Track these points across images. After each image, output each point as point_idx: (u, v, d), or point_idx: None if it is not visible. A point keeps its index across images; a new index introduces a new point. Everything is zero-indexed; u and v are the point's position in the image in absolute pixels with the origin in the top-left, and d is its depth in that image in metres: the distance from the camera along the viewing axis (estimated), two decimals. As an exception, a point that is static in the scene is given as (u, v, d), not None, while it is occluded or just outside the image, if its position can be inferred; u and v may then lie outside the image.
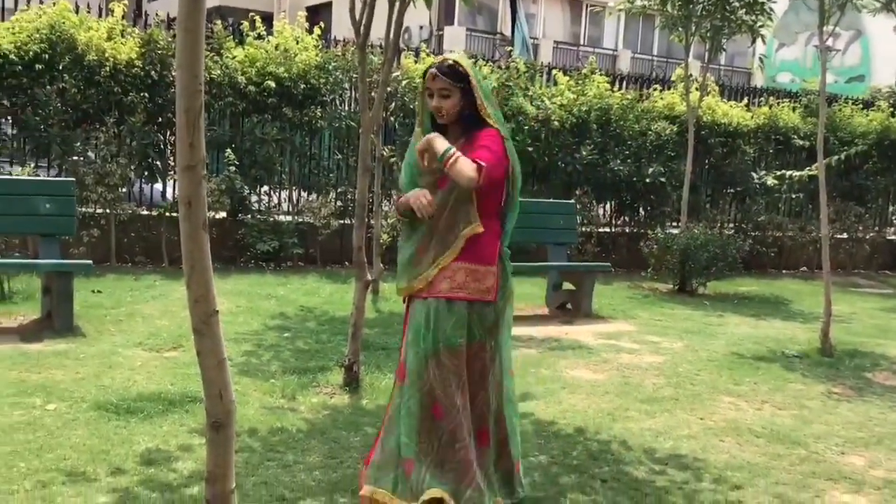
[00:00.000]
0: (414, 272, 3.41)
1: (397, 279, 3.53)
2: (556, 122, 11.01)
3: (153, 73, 9.12)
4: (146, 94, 9.10)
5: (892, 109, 14.05)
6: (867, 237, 13.22)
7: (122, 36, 9.29)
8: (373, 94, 6.88)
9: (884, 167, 13.52)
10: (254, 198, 9.87)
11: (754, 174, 12.22)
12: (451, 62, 3.29)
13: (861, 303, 10.00)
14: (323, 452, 4.01)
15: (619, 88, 12.44)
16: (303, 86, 9.86)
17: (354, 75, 9.89)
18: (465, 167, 3.12)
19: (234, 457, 2.21)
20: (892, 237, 14.28)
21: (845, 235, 12.93)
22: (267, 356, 5.75)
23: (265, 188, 10.16)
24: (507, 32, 26.49)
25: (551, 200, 10.15)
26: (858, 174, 13.27)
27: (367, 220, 9.01)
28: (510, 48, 14.36)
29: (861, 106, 14.10)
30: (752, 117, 12.65)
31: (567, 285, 8.36)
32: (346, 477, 3.72)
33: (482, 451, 3.36)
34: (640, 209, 11.94)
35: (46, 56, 8.74)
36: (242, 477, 3.59)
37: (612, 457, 4.20)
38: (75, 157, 8.90)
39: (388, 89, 9.95)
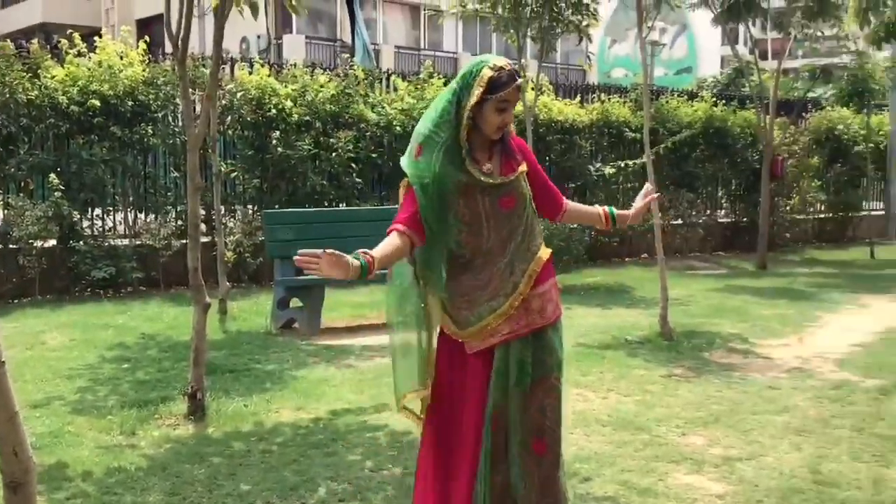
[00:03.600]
0: (483, 310, 2.90)
1: (456, 324, 2.96)
2: (397, 128, 11.02)
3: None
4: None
5: (714, 99, 14.87)
6: (700, 221, 13.94)
7: None
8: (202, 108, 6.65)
9: (710, 154, 14.29)
10: (85, 223, 9.37)
11: (591, 167, 12.64)
12: (515, 66, 2.90)
13: (696, 285, 10.52)
14: (164, 490, 3.82)
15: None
16: (130, 103, 9.44)
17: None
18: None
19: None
20: (723, 220, 15.12)
21: (679, 221, 13.58)
22: (104, 391, 5.44)
23: (97, 211, 9.65)
24: (348, 39, 26.42)
25: (397, 206, 10.11)
26: (687, 162, 13.95)
27: (210, 236, 8.77)
28: (350, 55, 14.28)
29: (686, 97, 14.86)
30: (586, 113, 13.10)
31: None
32: (188, 514, 3.55)
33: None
34: (487, 209, 12.09)
35: None
36: (72, 527, 3.36)
37: (464, 461, 4.19)
38: None
39: (223, 102, 9.71)
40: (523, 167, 2.95)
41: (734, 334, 7.44)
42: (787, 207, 15.12)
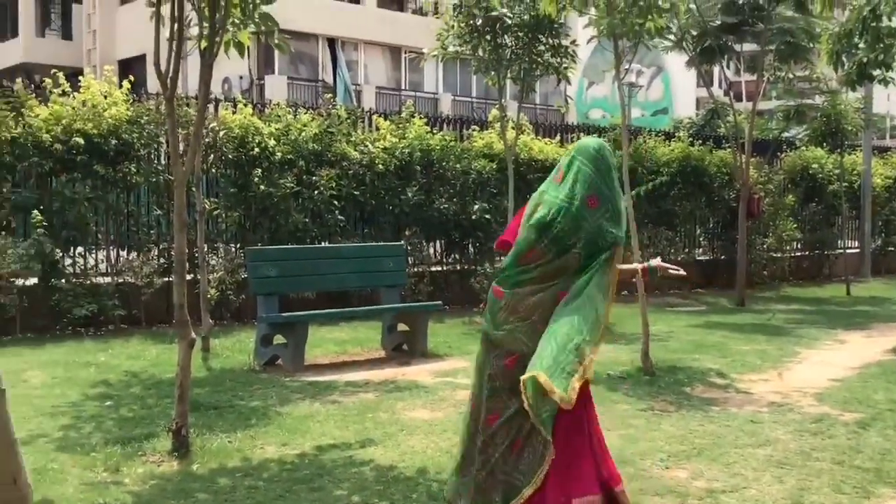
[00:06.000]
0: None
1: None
2: (380, 166, 11.12)
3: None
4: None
5: (691, 139, 15.12)
6: (679, 259, 14.09)
7: None
8: (187, 146, 6.70)
9: (688, 192, 14.48)
10: (67, 260, 9.34)
11: (572, 206, 12.75)
12: None
13: (677, 321, 10.62)
14: (150, 526, 3.80)
15: (440, 130, 12.73)
16: (114, 141, 9.47)
17: (167, 128, 9.61)
18: None
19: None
20: (701, 257, 15.29)
21: (658, 259, 13.67)
22: (87, 428, 5.41)
23: (80, 249, 9.63)
24: (329, 80, 26.67)
25: (380, 244, 10.22)
26: (666, 201, 14.13)
27: (193, 274, 8.77)
28: (331, 95, 14.42)
29: (663, 137, 15.10)
30: (565, 152, 13.23)
31: (402, 326, 8.39)
32: (175, 549, 3.54)
33: None
34: (469, 246, 12.20)
35: None
36: (59, 563, 3.34)
37: (451, 495, 4.20)
38: None
39: (206, 140, 9.77)
40: None
41: (714, 369, 7.52)
42: (765, 245, 15.32)
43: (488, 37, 9.92)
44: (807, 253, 16.78)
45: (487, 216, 11.76)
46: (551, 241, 3.49)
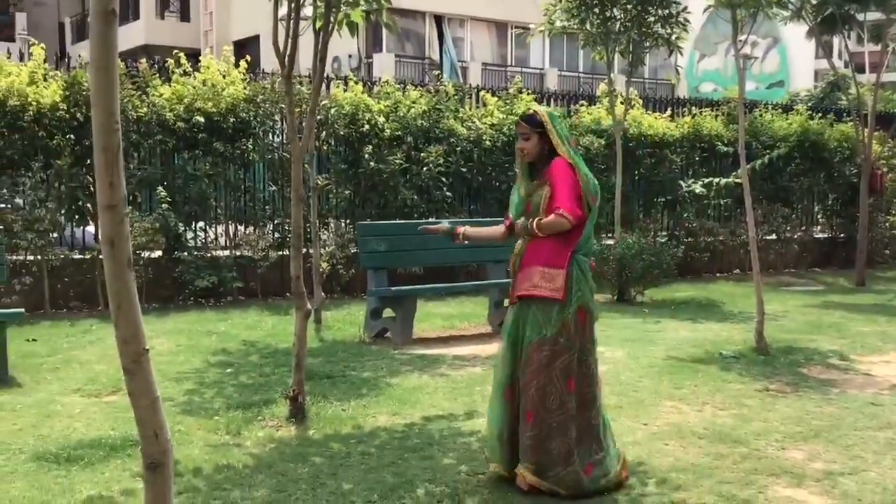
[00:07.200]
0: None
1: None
2: (487, 142, 11.15)
3: (79, 115, 8.98)
4: (72, 137, 8.96)
5: (809, 112, 14.53)
6: (795, 237, 13.62)
7: (45, 79, 9.14)
8: (302, 123, 6.89)
9: (806, 168, 13.96)
10: (189, 234, 9.76)
11: (682, 183, 12.50)
12: (531, 112, 4.09)
13: (793, 301, 10.29)
14: (270, 486, 3.98)
15: (548, 105, 12.64)
16: (232, 119, 9.82)
17: (283, 106, 9.89)
18: (555, 225, 3.89)
19: (173, 497, 2.19)
20: (819, 235, 14.73)
21: (774, 237, 13.30)
22: (210, 393, 5.68)
23: (200, 224, 10.05)
24: (436, 57, 26.76)
25: (488, 219, 10.23)
26: (782, 176, 13.66)
27: (305, 248, 9.04)
28: (438, 72, 14.50)
29: (780, 110, 14.56)
30: (676, 127, 12.97)
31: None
32: (294, 509, 3.70)
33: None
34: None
35: (-35, 105, 8.56)
36: (189, 517, 3.54)
37: (560, 468, 4.23)
38: (2, 205, 8.71)
39: (319, 118, 10.00)
40: (543, 181, 4.01)
41: (832, 350, 7.27)
42: (887, 223, 14.62)
43: (596, 10, 9.77)
44: (933, 231, 15.92)
45: (595, 192, 11.62)
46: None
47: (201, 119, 9.58)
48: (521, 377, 3.94)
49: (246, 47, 24.29)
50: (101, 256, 8.76)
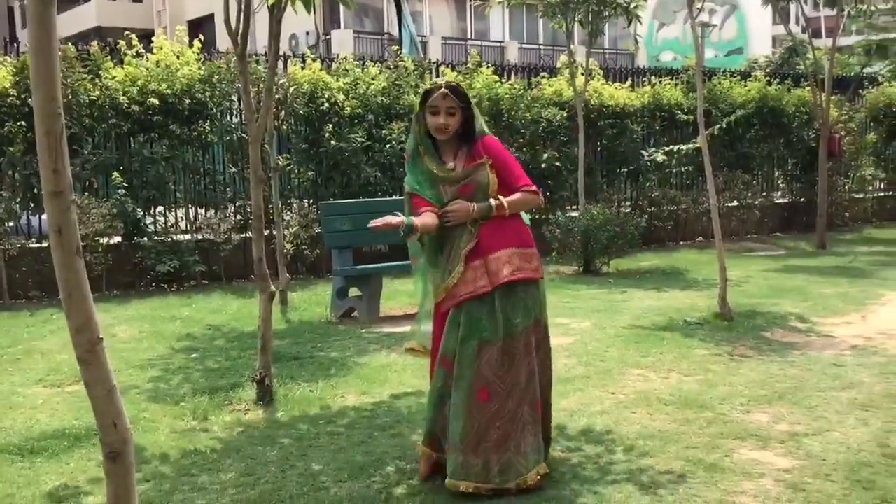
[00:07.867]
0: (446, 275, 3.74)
1: (434, 282, 3.80)
2: (449, 117, 11.08)
3: (30, 101, 8.71)
4: (24, 124, 8.74)
5: (768, 78, 14.64)
6: (756, 203, 13.76)
7: (-7, 65, 8.93)
8: (260, 103, 6.78)
9: (765, 134, 14.08)
10: (148, 219, 9.62)
11: (644, 152, 12.55)
12: (454, 83, 3.74)
13: (755, 266, 10.41)
14: (238, 470, 3.95)
15: (508, 79, 12.60)
16: (188, 101, 9.66)
17: (239, 86, 9.75)
18: (529, 202, 3.76)
19: (135, 485, 2.15)
20: (780, 200, 14.90)
21: (735, 203, 13.42)
22: (176, 379, 5.62)
23: (160, 208, 9.91)
24: (395, 32, 26.53)
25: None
26: (742, 143, 13.77)
27: (268, 230, 8.96)
28: (398, 48, 14.37)
29: (739, 77, 14.65)
30: (637, 97, 13.00)
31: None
32: (264, 493, 3.67)
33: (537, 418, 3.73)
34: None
35: None
36: (156, 505, 3.50)
37: (529, 440, 4.25)
38: (-48, 195, 8.52)
39: (277, 97, 9.87)
40: (484, 161, 3.71)
41: (794, 313, 7.37)
42: (846, 186, 14.82)
43: (555, -21, 9.73)
44: (890, 193, 16.19)
45: (558, 164, 11.66)
46: None
47: (156, 101, 9.41)
48: (520, 368, 3.64)
49: (201, 27, 23.90)
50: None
